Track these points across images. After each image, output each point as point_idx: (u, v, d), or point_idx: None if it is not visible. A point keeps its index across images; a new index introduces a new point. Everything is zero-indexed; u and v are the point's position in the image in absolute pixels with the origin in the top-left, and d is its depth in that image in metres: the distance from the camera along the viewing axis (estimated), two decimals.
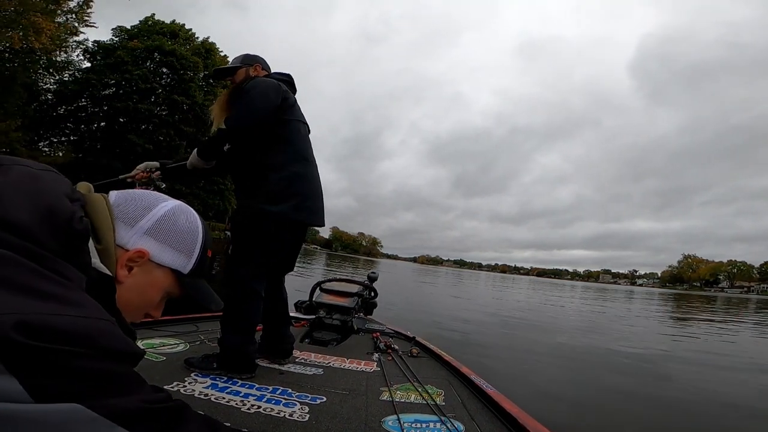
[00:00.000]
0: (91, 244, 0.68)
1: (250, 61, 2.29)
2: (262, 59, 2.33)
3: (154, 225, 0.77)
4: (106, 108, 31.38)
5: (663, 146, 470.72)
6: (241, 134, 2.02)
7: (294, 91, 2.32)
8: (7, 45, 20.10)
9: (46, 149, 30.05)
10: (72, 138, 31.83)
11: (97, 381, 0.54)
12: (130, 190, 0.82)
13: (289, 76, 2.33)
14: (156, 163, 2.18)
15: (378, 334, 3.04)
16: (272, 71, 2.35)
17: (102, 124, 32.11)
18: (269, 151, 2.09)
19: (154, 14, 34.45)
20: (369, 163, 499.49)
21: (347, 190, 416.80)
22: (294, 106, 2.19)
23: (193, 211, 0.86)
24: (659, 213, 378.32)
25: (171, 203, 0.82)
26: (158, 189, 2.07)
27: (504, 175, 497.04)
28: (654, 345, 8.21)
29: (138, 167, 2.14)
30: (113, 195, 0.79)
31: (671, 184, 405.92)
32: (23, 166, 0.66)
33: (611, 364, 6.15)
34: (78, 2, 21.85)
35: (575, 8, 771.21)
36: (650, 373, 5.67)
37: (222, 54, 36.13)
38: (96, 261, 0.68)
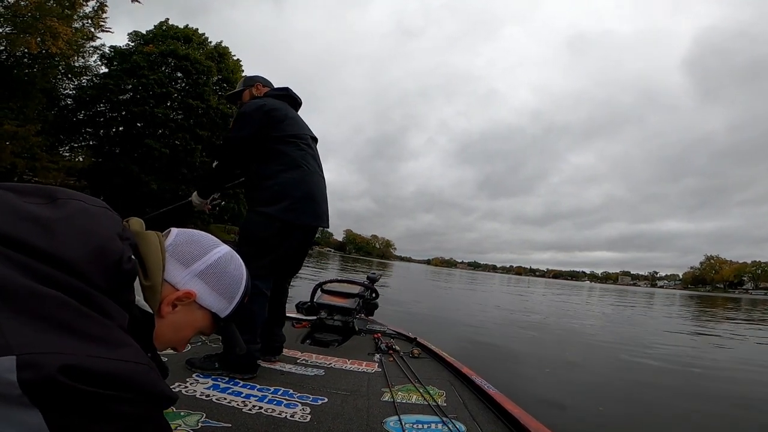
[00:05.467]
0: (137, 281, 0.70)
1: (251, 81, 2.47)
2: (261, 78, 2.50)
3: (206, 269, 0.81)
4: (123, 113, 32.07)
5: (709, 144, 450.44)
6: (227, 161, 2.23)
7: (296, 101, 2.44)
8: (25, 50, 20.63)
9: (67, 154, 30.69)
10: (91, 142, 32.55)
11: (128, 425, 0.55)
12: (191, 231, 0.86)
13: (287, 89, 2.45)
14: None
15: (379, 335, 3.05)
16: (274, 86, 2.50)
17: (120, 128, 32.81)
18: (263, 163, 2.21)
19: (168, 19, 35.22)
20: (391, 163, 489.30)
21: (366, 192, 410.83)
22: (284, 122, 2.24)
23: (240, 260, 0.89)
24: (693, 213, 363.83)
25: (223, 249, 0.86)
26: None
27: (534, 174, 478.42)
28: (668, 350, 8.00)
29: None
30: (174, 233, 0.83)
31: (712, 184, 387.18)
32: (79, 201, 0.68)
33: (620, 367, 6.00)
34: (93, 7, 22.27)
35: (631, 1, 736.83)
36: (659, 378, 5.51)
37: (235, 58, 36.66)
38: (139, 299, 0.70)
